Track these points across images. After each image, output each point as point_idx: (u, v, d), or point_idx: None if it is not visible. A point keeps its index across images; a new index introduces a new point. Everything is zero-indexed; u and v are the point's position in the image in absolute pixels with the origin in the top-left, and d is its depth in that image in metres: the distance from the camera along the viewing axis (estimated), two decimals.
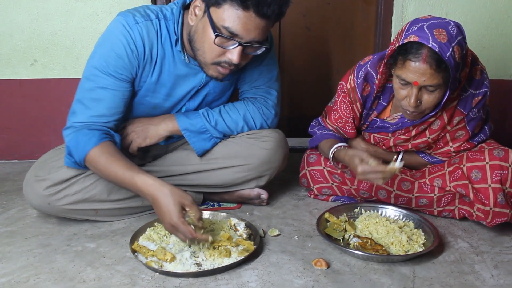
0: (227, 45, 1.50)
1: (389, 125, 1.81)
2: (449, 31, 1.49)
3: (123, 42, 1.57)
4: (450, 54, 1.46)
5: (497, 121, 2.61)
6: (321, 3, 2.71)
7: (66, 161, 1.61)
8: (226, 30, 1.45)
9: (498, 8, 2.55)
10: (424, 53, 1.47)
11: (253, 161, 1.80)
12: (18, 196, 2.03)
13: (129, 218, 1.78)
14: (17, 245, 1.57)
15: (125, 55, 1.58)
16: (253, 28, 1.45)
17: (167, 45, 1.64)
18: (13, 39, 2.46)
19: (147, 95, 1.71)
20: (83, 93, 1.61)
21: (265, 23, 1.46)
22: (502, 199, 1.60)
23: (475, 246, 1.60)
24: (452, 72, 1.48)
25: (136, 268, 1.42)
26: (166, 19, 1.63)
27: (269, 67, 1.85)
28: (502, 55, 2.64)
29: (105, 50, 1.58)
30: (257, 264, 1.46)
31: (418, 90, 1.54)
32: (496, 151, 1.65)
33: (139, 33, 1.57)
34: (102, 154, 1.53)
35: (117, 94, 1.61)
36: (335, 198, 2.00)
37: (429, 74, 1.48)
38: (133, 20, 1.57)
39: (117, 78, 1.59)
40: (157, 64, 1.65)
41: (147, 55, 1.62)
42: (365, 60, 1.80)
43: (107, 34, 1.60)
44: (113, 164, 1.50)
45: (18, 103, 2.54)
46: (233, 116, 1.80)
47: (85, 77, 1.61)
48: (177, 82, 1.71)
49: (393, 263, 1.47)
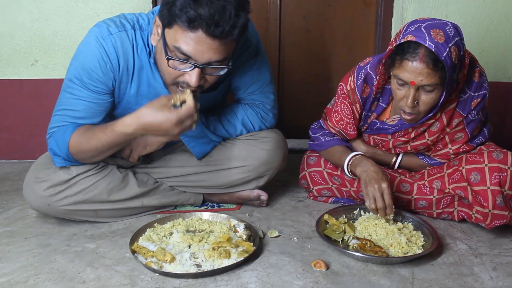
0: (183, 68, 1.44)
1: (388, 126, 1.82)
2: (446, 31, 1.50)
3: (96, 54, 1.53)
4: (446, 54, 1.47)
5: (497, 123, 2.62)
6: (321, 5, 2.72)
7: (56, 162, 1.63)
8: (178, 51, 1.39)
9: (498, 10, 2.56)
10: (421, 52, 1.49)
11: (253, 162, 1.80)
12: (18, 196, 2.03)
13: (129, 219, 1.79)
14: (17, 245, 1.57)
15: (98, 68, 1.54)
16: (206, 49, 1.37)
17: (143, 57, 1.59)
18: (14, 39, 2.47)
19: (130, 108, 1.63)
20: (61, 105, 1.60)
21: (218, 43, 1.37)
22: (501, 201, 1.60)
23: (474, 248, 1.61)
24: (449, 72, 1.49)
25: (135, 269, 1.42)
26: (142, 30, 1.58)
27: (261, 70, 1.81)
28: (501, 57, 2.64)
29: (79, 63, 1.56)
30: (257, 265, 1.46)
31: (416, 90, 1.55)
32: (495, 153, 1.66)
33: (113, 45, 1.53)
34: (80, 134, 1.55)
35: (93, 106, 1.59)
36: (334, 199, 2.00)
37: (426, 73, 1.49)
38: (107, 31, 1.53)
39: (92, 91, 1.57)
40: (135, 76, 1.61)
41: (122, 67, 1.57)
42: (365, 62, 1.81)
43: (81, 46, 1.58)
44: (93, 135, 1.53)
45: (19, 103, 2.54)
46: (231, 120, 1.80)
47: (63, 90, 1.61)
48: (158, 94, 1.59)
49: (392, 265, 1.48)
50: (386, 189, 1.63)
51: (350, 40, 2.78)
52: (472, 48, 2.42)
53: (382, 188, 1.63)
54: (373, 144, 1.93)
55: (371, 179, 1.66)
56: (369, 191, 1.65)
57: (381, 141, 1.89)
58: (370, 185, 1.65)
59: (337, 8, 2.73)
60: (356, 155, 1.80)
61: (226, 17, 1.33)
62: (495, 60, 2.64)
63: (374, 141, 1.91)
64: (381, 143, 1.89)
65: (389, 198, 1.63)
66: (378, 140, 1.89)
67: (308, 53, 2.80)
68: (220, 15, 1.32)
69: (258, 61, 1.79)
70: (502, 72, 2.67)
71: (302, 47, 2.79)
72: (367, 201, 1.66)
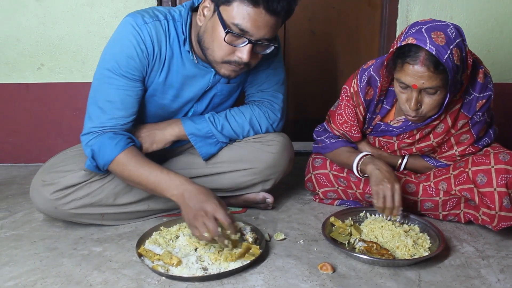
0: (237, 43, 1.50)
1: (393, 128, 1.81)
2: (448, 33, 1.50)
3: (133, 42, 1.58)
4: (448, 57, 1.47)
5: (502, 124, 2.60)
6: (326, 7, 2.72)
7: (87, 164, 1.62)
8: (236, 27, 1.46)
9: (503, 12, 2.55)
10: (421, 56, 1.49)
11: (259, 165, 1.81)
12: (25, 199, 2.04)
13: (135, 222, 1.79)
14: (24, 249, 1.58)
15: (135, 56, 1.59)
16: (263, 25, 1.46)
17: (175, 46, 1.65)
18: (20, 43, 2.48)
19: (155, 95, 1.72)
20: (97, 96, 1.62)
21: (274, 20, 1.47)
22: (507, 203, 1.60)
23: (481, 250, 1.60)
24: (451, 74, 1.49)
25: (142, 272, 1.43)
26: (175, 20, 1.64)
27: (276, 70, 1.85)
28: (507, 58, 2.64)
29: (116, 51, 1.59)
30: (263, 268, 1.46)
31: (418, 93, 1.55)
32: (502, 155, 1.65)
33: (148, 33, 1.58)
34: (131, 158, 1.57)
35: (131, 95, 1.62)
36: (340, 202, 2.00)
37: (427, 76, 1.50)
38: (142, 20, 1.58)
39: (129, 78, 1.60)
40: (165, 64, 1.66)
41: (156, 55, 1.63)
42: (368, 64, 1.81)
43: (117, 35, 1.61)
44: (138, 168, 1.55)
45: (25, 107, 2.55)
46: (239, 120, 1.80)
47: (97, 79, 1.63)
48: (185, 83, 1.71)
49: (399, 267, 1.47)
50: (398, 189, 1.63)
51: (355, 42, 2.78)
52: (477, 49, 2.42)
53: (394, 189, 1.63)
54: (378, 146, 1.93)
55: (384, 178, 1.65)
56: (380, 189, 1.64)
57: (386, 143, 1.88)
58: (382, 183, 1.64)
59: (342, 10, 2.72)
60: (367, 155, 1.80)
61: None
62: (501, 61, 2.63)
63: (379, 143, 1.91)
64: (386, 145, 1.89)
65: (399, 199, 1.63)
66: (383, 142, 1.89)
67: (313, 55, 2.80)
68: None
69: (276, 61, 1.84)
70: (508, 73, 2.66)
71: (307, 50, 2.79)
72: (375, 199, 1.66)
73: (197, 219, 1.43)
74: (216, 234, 1.40)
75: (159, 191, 1.54)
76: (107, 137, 1.58)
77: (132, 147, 1.61)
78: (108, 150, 1.57)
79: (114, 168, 1.59)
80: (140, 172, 1.55)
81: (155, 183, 1.53)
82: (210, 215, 1.42)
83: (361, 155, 1.81)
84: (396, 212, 1.63)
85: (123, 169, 1.57)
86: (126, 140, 1.61)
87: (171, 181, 1.52)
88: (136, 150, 1.62)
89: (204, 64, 1.69)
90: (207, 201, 1.44)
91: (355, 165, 1.81)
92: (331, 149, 1.94)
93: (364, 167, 1.77)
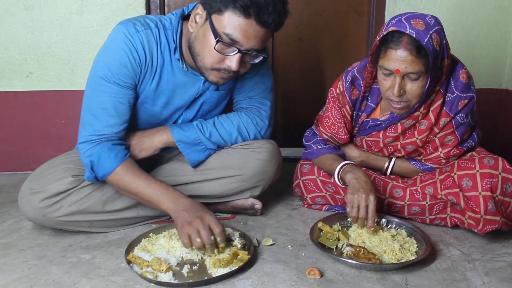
0: (227, 52, 1.53)
1: (381, 122, 1.84)
2: (426, 20, 1.58)
3: (125, 50, 1.59)
4: (428, 40, 1.53)
5: (488, 130, 2.65)
6: (313, 15, 2.74)
7: (87, 175, 1.64)
8: (227, 36, 1.49)
9: (487, 19, 2.59)
10: (404, 40, 1.55)
11: (247, 171, 1.82)
12: (13, 208, 2.03)
13: (124, 229, 1.79)
14: (12, 257, 1.58)
15: (128, 63, 1.61)
16: (253, 36, 1.49)
17: (166, 54, 1.67)
18: (9, 51, 2.48)
19: (146, 102, 1.74)
20: (90, 104, 1.64)
21: (264, 31, 1.51)
22: (492, 206, 1.62)
23: (467, 254, 1.62)
24: (431, 57, 1.54)
25: (131, 279, 1.43)
26: (165, 29, 1.66)
27: (264, 77, 1.87)
28: (492, 64, 2.67)
29: (108, 59, 1.61)
30: (251, 274, 1.47)
31: (401, 78, 1.59)
32: (486, 160, 1.68)
33: (140, 41, 1.61)
34: (128, 169, 1.62)
35: (123, 102, 1.64)
36: (328, 207, 2.01)
37: (410, 60, 1.55)
38: (134, 29, 1.61)
39: (121, 86, 1.62)
40: (157, 72, 1.68)
41: (148, 63, 1.65)
42: (352, 66, 1.87)
43: (109, 43, 1.63)
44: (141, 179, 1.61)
45: (13, 115, 2.54)
46: (227, 127, 1.81)
47: (90, 87, 1.65)
48: (175, 90, 1.73)
49: (386, 272, 1.49)
50: (372, 201, 1.64)
51: (342, 49, 2.81)
52: (462, 56, 2.45)
53: (369, 199, 1.64)
54: (366, 147, 1.96)
55: (360, 188, 1.67)
56: (354, 198, 1.66)
57: (373, 142, 1.91)
58: (357, 193, 1.66)
59: (329, 17, 2.75)
60: (349, 163, 1.82)
61: (277, 9, 1.48)
62: (486, 67, 2.67)
63: (366, 144, 1.94)
64: (373, 144, 1.92)
65: (373, 210, 1.64)
66: (370, 142, 1.92)
67: (300, 62, 2.82)
68: (273, 6, 1.47)
69: (264, 69, 1.86)
70: (493, 79, 2.70)
71: (295, 56, 2.81)
72: (348, 208, 1.67)
73: (192, 226, 1.47)
74: (209, 242, 1.45)
75: (155, 203, 1.59)
76: (106, 148, 1.61)
77: (130, 159, 1.65)
78: (107, 162, 1.60)
79: (112, 178, 1.62)
80: (138, 183, 1.60)
81: (152, 195, 1.59)
82: (206, 223, 1.48)
83: (343, 163, 1.82)
84: (371, 223, 1.64)
85: (120, 180, 1.61)
86: (124, 151, 1.64)
87: (168, 194, 1.58)
88: (133, 161, 1.66)
89: (193, 72, 1.71)
90: (204, 212, 1.52)
91: (336, 172, 1.83)
92: (316, 155, 1.96)
93: (344, 175, 1.79)
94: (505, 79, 2.70)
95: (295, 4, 2.69)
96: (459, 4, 2.57)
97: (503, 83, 2.71)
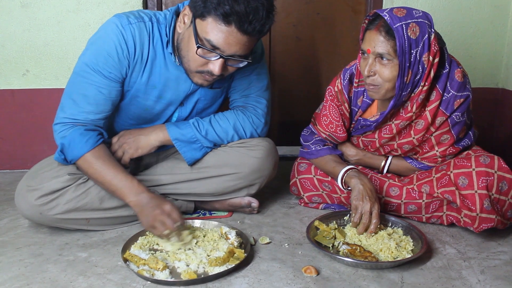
0: (209, 57, 1.55)
1: (370, 122, 1.84)
2: (411, 12, 1.61)
3: (114, 41, 1.61)
4: (400, 25, 1.57)
5: (485, 128, 2.65)
6: (311, 14, 2.75)
7: (56, 156, 1.66)
8: (208, 42, 1.50)
9: (484, 18, 2.60)
10: (378, 22, 1.61)
11: (244, 169, 1.82)
12: (10, 206, 2.03)
13: (121, 227, 1.79)
14: (9, 255, 1.57)
15: (115, 54, 1.61)
16: (234, 43, 1.50)
17: (158, 47, 1.68)
18: (5, 50, 2.47)
19: (138, 96, 1.74)
20: (72, 88, 1.66)
21: (247, 38, 1.51)
22: (488, 205, 1.63)
23: (463, 252, 1.63)
24: (399, 41, 1.56)
25: (128, 277, 1.43)
26: (159, 23, 1.68)
27: (259, 76, 1.87)
28: (488, 63, 2.68)
29: (96, 48, 1.63)
30: (248, 272, 1.47)
31: (373, 60, 1.64)
32: (482, 158, 1.68)
33: (131, 33, 1.62)
34: (98, 158, 1.62)
35: (104, 92, 1.65)
36: (325, 206, 2.01)
37: (378, 41, 1.60)
38: (127, 20, 1.62)
39: (105, 76, 1.63)
40: (148, 65, 1.69)
41: (138, 55, 1.65)
42: (350, 64, 1.88)
43: (100, 32, 1.65)
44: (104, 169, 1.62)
45: (10, 113, 2.54)
46: (223, 125, 1.82)
47: (75, 72, 1.66)
48: (167, 84, 1.74)
49: (382, 270, 1.49)
50: (377, 210, 1.67)
51: (340, 47, 2.81)
52: (459, 55, 2.46)
53: (374, 207, 1.67)
54: (363, 147, 1.96)
55: (366, 195, 1.69)
56: (359, 205, 1.68)
57: (369, 142, 1.91)
58: (364, 200, 1.68)
59: (327, 16, 2.75)
60: (353, 168, 1.83)
61: (259, 17, 1.47)
62: (483, 66, 2.68)
63: (363, 143, 1.94)
64: (369, 144, 1.92)
65: (377, 219, 1.66)
66: (367, 142, 1.92)
67: (298, 60, 2.82)
68: (254, 14, 1.45)
69: (259, 67, 1.87)
70: (490, 78, 2.71)
71: (293, 55, 2.81)
72: (354, 214, 1.69)
73: (156, 219, 1.54)
74: (174, 228, 1.53)
75: (119, 194, 1.62)
76: (79, 133, 1.62)
77: (101, 146, 1.65)
78: (77, 147, 1.61)
79: (81, 164, 1.64)
80: (105, 173, 1.62)
81: (117, 186, 1.61)
82: (167, 212, 1.55)
83: (347, 167, 1.83)
84: (372, 229, 1.66)
85: (89, 167, 1.63)
86: (96, 137, 1.64)
87: (133, 187, 1.61)
88: (105, 150, 1.66)
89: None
90: (163, 202, 1.58)
91: (340, 177, 1.83)
92: (315, 155, 1.96)
93: (349, 179, 1.79)
94: (501, 78, 2.70)
95: (292, 3, 2.71)
96: (456, 3, 2.57)
97: (500, 82, 2.72)
